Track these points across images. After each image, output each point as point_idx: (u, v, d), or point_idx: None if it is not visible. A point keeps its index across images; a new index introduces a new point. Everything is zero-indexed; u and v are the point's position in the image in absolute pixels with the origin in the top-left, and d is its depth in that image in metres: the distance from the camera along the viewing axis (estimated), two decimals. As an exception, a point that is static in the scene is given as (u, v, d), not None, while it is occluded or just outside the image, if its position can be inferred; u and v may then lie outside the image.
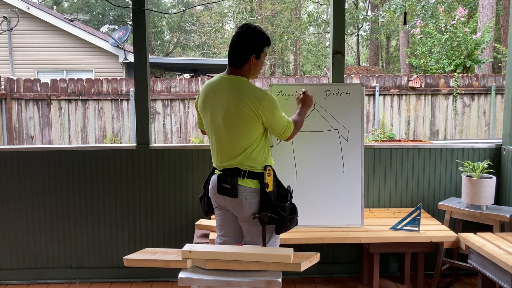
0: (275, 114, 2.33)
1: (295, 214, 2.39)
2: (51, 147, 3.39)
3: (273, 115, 2.32)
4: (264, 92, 2.33)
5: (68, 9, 25.85)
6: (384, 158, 3.40)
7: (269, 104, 2.30)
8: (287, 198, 2.39)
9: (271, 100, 2.32)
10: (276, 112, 2.34)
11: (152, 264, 2.11)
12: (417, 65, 11.44)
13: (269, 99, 2.31)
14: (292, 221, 2.38)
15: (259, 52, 2.36)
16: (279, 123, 2.37)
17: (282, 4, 22.96)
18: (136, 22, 3.24)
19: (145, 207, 3.32)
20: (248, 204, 2.31)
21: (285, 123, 2.39)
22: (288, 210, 2.35)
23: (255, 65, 2.37)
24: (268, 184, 2.33)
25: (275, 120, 2.34)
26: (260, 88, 2.36)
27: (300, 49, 24.18)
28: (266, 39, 2.38)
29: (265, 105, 2.28)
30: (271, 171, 2.35)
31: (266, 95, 2.31)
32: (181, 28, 26.43)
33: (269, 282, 1.94)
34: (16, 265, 3.35)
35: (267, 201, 2.30)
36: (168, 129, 8.97)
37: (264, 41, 2.37)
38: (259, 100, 2.28)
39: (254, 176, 2.32)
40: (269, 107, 2.30)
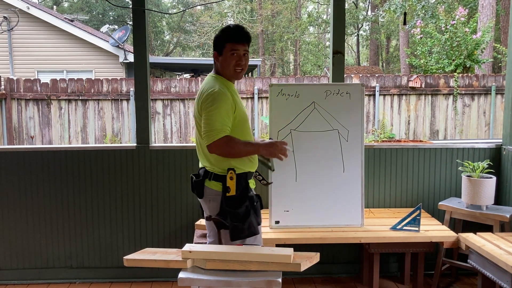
0: (208, 109, 2.17)
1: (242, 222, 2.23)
2: (51, 147, 3.39)
3: (206, 109, 2.18)
4: (211, 86, 2.23)
5: (68, 9, 25.85)
6: (384, 158, 3.40)
7: (207, 97, 2.19)
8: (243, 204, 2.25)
9: (211, 94, 2.19)
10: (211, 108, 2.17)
11: (152, 264, 2.11)
12: (417, 65, 11.44)
13: (210, 93, 2.19)
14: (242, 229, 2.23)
15: (221, 48, 2.30)
16: (207, 121, 2.17)
17: (282, 4, 22.96)
18: (136, 22, 3.24)
19: (145, 207, 3.32)
20: (211, 206, 2.31)
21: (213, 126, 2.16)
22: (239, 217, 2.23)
23: (222, 62, 2.31)
24: (229, 188, 2.24)
25: (205, 116, 2.19)
26: (214, 83, 2.26)
27: (300, 49, 24.19)
28: (227, 34, 2.29)
29: (204, 98, 2.22)
30: (233, 174, 2.24)
31: (210, 89, 2.21)
32: (181, 28, 26.42)
33: (269, 282, 1.94)
34: (16, 265, 3.35)
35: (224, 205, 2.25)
36: (168, 129, 8.96)
37: (225, 37, 2.29)
38: (201, 93, 2.24)
39: (219, 178, 2.27)
40: (205, 100, 2.20)
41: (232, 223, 2.23)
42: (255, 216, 2.30)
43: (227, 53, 2.29)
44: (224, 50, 2.29)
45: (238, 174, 2.27)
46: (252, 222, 2.27)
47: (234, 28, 2.33)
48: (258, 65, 14.56)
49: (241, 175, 2.29)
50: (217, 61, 2.34)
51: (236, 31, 2.31)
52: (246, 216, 2.25)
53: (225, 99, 2.21)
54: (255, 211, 2.31)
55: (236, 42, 2.29)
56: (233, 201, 2.26)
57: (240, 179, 2.28)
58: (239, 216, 2.24)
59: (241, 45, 2.30)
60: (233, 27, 2.33)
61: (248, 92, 8.86)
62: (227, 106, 2.20)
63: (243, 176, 2.30)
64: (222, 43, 2.30)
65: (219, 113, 2.17)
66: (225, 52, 2.29)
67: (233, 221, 2.23)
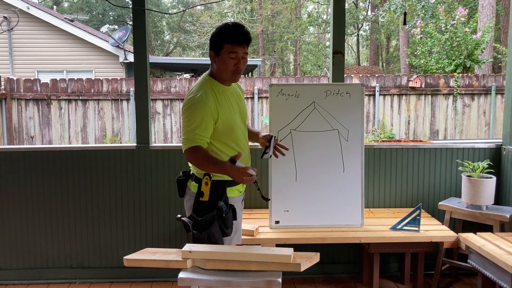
0: (184, 115, 2.12)
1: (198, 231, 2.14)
2: (51, 147, 3.39)
3: (183, 116, 2.12)
4: (195, 90, 2.16)
5: (68, 9, 25.85)
6: (384, 158, 3.40)
7: (187, 104, 2.13)
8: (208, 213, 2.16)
9: (191, 101, 2.12)
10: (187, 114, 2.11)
11: (152, 264, 2.11)
12: (417, 65, 11.44)
13: (192, 98, 2.12)
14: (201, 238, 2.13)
15: (218, 48, 2.15)
16: (183, 128, 2.14)
17: (282, 4, 22.96)
18: (136, 22, 3.24)
19: (145, 207, 3.32)
20: (187, 206, 2.30)
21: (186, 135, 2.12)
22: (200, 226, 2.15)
23: (218, 63, 2.17)
24: (203, 192, 2.17)
25: (182, 123, 2.15)
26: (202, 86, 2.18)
27: (300, 49, 24.19)
28: (225, 35, 2.14)
29: (184, 103, 2.16)
30: (208, 180, 2.16)
31: (191, 94, 2.15)
32: (181, 28, 26.42)
33: (269, 282, 1.94)
34: (16, 265, 3.35)
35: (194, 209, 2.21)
36: (168, 129, 8.96)
37: (223, 37, 2.14)
38: (186, 96, 2.18)
39: (197, 181, 2.24)
40: (184, 106, 2.14)
41: (192, 230, 2.18)
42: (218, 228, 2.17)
43: (224, 55, 2.14)
44: (222, 51, 2.14)
45: (215, 180, 2.19)
46: (213, 233, 2.15)
47: (233, 27, 2.16)
48: (258, 65, 14.56)
49: (219, 182, 2.20)
50: (213, 61, 2.20)
51: (235, 31, 2.15)
52: (207, 226, 2.15)
53: (203, 107, 2.10)
54: (224, 222, 2.18)
55: (236, 43, 2.13)
56: (202, 207, 2.19)
57: (216, 186, 2.19)
58: (200, 224, 2.17)
59: (241, 47, 2.15)
60: (232, 26, 2.16)
61: (248, 92, 8.86)
62: (204, 114, 2.10)
63: (221, 184, 2.21)
64: (220, 43, 2.14)
65: (193, 122, 2.10)
66: (222, 54, 2.15)
67: (193, 227, 2.18)
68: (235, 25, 2.18)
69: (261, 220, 3.12)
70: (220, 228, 2.18)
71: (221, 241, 2.19)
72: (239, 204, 2.37)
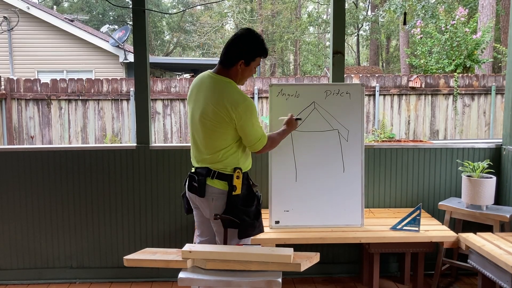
0: (249, 122, 2.26)
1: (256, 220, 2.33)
2: (51, 147, 3.39)
3: (246, 122, 2.26)
4: (243, 97, 2.26)
5: (68, 9, 25.85)
6: (384, 158, 3.40)
7: (245, 110, 2.24)
8: (253, 203, 2.34)
9: (248, 107, 2.25)
10: (251, 120, 2.27)
11: (152, 264, 2.11)
12: (417, 65, 11.45)
13: (247, 105, 2.25)
14: (254, 227, 2.31)
15: (250, 59, 2.29)
16: (252, 132, 2.30)
17: (282, 4, 22.96)
18: (136, 22, 3.24)
19: (145, 207, 3.32)
20: (214, 205, 2.31)
21: (258, 135, 2.32)
22: (252, 215, 2.30)
23: (243, 71, 2.31)
24: (236, 186, 2.28)
25: (248, 129, 2.28)
26: (242, 93, 2.30)
27: (300, 49, 24.18)
28: (262, 49, 2.32)
29: (241, 111, 2.23)
30: (240, 173, 2.29)
31: (245, 100, 2.26)
32: (181, 28, 26.42)
33: (269, 282, 1.94)
34: (16, 265, 3.35)
35: (232, 204, 2.27)
36: (168, 129, 8.96)
37: (259, 51, 2.31)
38: (236, 104, 2.23)
39: (223, 177, 2.29)
40: (244, 113, 2.24)
41: (245, 221, 2.27)
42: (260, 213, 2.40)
43: (252, 66, 2.32)
44: (253, 63, 2.31)
45: (243, 173, 2.34)
46: (261, 220, 2.38)
47: (263, 41, 2.34)
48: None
49: (245, 174, 2.36)
50: (238, 69, 2.30)
51: (265, 45, 2.34)
52: (258, 215, 2.35)
53: (254, 105, 2.32)
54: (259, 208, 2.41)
55: (265, 57, 2.36)
56: (241, 199, 2.30)
57: (243, 178, 2.34)
58: (251, 215, 2.31)
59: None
60: (263, 39, 2.34)
61: (248, 92, 8.86)
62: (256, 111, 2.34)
63: (246, 175, 2.37)
64: (254, 55, 2.30)
65: (258, 121, 2.33)
66: (252, 65, 2.32)
67: (246, 219, 2.27)
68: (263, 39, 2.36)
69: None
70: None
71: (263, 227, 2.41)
72: None
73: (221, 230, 2.33)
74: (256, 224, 2.33)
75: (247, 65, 2.29)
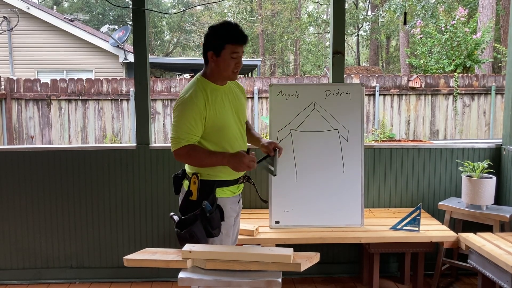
0: (175, 115, 2.14)
1: (179, 229, 2.16)
2: (51, 147, 3.39)
3: (174, 114, 2.15)
4: (187, 89, 2.18)
5: (68, 9, 25.85)
6: (384, 158, 3.40)
7: (177, 103, 2.16)
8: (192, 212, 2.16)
9: (182, 101, 2.14)
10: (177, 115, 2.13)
11: (152, 264, 2.11)
12: (417, 65, 11.45)
13: (182, 99, 2.14)
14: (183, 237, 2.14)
15: (219, 49, 2.14)
16: (173, 128, 2.16)
17: (282, 4, 22.96)
18: (136, 22, 3.24)
19: (145, 207, 3.32)
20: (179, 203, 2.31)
21: (177, 134, 2.13)
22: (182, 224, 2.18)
23: (217, 63, 2.17)
24: (192, 192, 2.20)
25: (172, 123, 2.17)
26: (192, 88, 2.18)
27: (300, 49, 24.18)
28: (228, 35, 2.14)
29: (175, 103, 2.18)
30: (196, 179, 2.18)
31: (184, 94, 2.16)
32: (181, 28, 26.42)
33: (269, 282, 1.94)
34: (16, 265, 3.35)
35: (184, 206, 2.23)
36: (168, 129, 8.96)
37: (225, 37, 2.13)
38: (178, 97, 2.20)
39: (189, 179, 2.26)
40: (176, 106, 2.16)
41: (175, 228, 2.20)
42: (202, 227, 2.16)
43: (226, 55, 2.15)
44: (223, 51, 2.15)
45: (203, 180, 2.20)
46: (195, 232, 2.14)
47: (234, 27, 2.16)
48: (258, 65, 14.56)
49: (207, 182, 2.21)
50: (212, 61, 2.18)
51: (237, 31, 2.16)
52: (188, 224, 2.16)
53: (193, 107, 2.12)
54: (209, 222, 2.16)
55: (238, 43, 2.16)
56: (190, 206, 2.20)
57: (205, 186, 2.20)
58: (182, 222, 2.18)
59: (241, 47, 2.18)
60: (233, 26, 2.17)
61: (248, 92, 8.86)
62: (194, 114, 2.12)
63: (210, 184, 2.21)
64: (221, 43, 2.14)
65: (185, 121, 2.11)
66: (224, 54, 2.15)
67: (176, 225, 2.20)
68: (235, 25, 2.19)
69: (261, 220, 3.12)
70: (205, 228, 2.17)
71: (204, 241, 2.18)
72: (233, 206, 2.33)
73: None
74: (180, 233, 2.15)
75: (218, 55, 2.15)
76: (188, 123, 2.12)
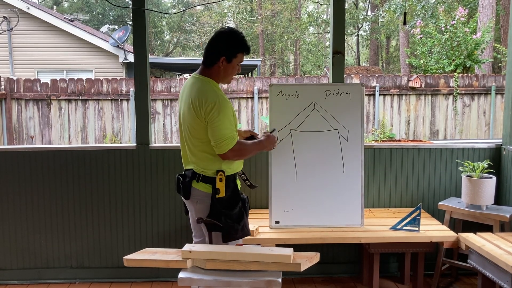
0: (216, 119, 2.19)
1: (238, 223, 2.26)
2: (51, 147, 3.39)
3: (213, 119, 2.19)
4: (215, 94, 2.22)
5: (68, 9, 25.85)
6: (384, 158, 3.40)
7: (212, 107, 2.18)
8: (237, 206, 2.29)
9: (217, 104, 2.19)
10: (218, 117, 2.19)
11: (152, 264, 2.11)
12: (417, 65, 11.45)
13: (216, 102, 2.19)
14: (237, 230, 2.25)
15: (231, 56, 2.27)
16: (217, 131, 2.20)
17: (282, 4, 22.95)
18: (136, 22, 3.24)
19: (145, 207, 3.32)
20: (199, 208, 2.30)
21: (224, 135, 2.20)
22: (234, 218, 2.26)
23: (225, 69, 2.28)
24: (219, 189, 2.25)
25: (214, 126, 2.20)
26: (216, 91, 2.25)
27: (300, 49, 24.18)
28: (242, 45, 2.29)
29: (209, 107, 2.18)
30: (223, 176, 2.25)
31: (215, 98, 2.20)
32: (181, 28, 26.42)
33: (269, 282, 1.94)
34: (16, 265, 3.35)
35: (215, 207, 2.25)
36: (168, 129, 8.96)
37: (240, 47, 2.29)
38: (205, 100, 2.20)
39: (208, 180, 2.27)
40: (211, 110, 2.18)
41: (227, 224, 2.23)
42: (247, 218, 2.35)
43: (235, 63, 2.30)
44: (235, 59, 2.29)
45: (227, 176, 2.28)
46: (246, 223, 2.32)
47: (244, 38, 2.32)
48: (258, 65, 14.55)
49: (230, 177, 2.31)
50: (221, 66, 2.27)
51: (247, 42, 2.32)
52: (240, 217, 2.29)
53: (228, 106, 2.24)
54: (246, 212, 2.35)
55: (247, 54, 2.33)
56: (224, 202, 2.27)
57: (228, 180, 2.29)
58: (233, 218, 2.26)
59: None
60: (243, 36, 2.32)
61: (248, 92, 8.86)
62: (230, 112, 2.24)
63: (232, 178, 2.33)
64: (235, 51, 2.27)
65: (227, 122, 2.22)
66: (234, 61, 2.29)
67: (228, 222, 2.23)
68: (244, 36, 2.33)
69: (261, 220, 3.12)
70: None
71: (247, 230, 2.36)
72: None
73: (201, 232, 2.37)
74: (238, 227, 2.27)
75: (229, 61, 2.27)
76: (230, 123, 2.24)
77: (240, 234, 2.29)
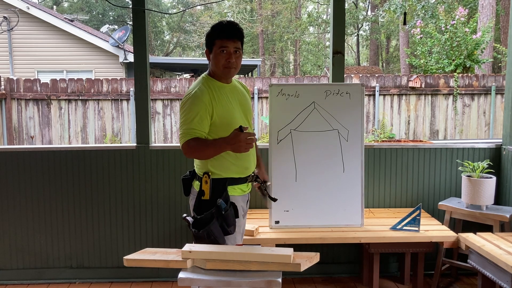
0: (182, 111, 2.18)
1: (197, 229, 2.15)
2: (51, 147, 3.39)
3: (180, 110, 2.19)
4: (192, 87, 2.23)
5: (68, 9, 25.85)
6: (384, 158, 3.40)
7: (183, 101, 2.20)
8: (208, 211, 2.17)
9: (187, 96, 2.19)
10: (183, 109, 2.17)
11: (152, 264, 2.11)
12: (417, 65, 11.45)
13: (188, 94, 2.19)
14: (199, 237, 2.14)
15: (211, 45, 2.24)
16: (180, 122, 2.19)
17: (282, 4, 22.95)
18: (136, 22, 3.24)
19: (145, 207, 3.32)
20: (191, 205, 2.32)
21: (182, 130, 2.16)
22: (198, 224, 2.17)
23: (212, 59, 2.24)
24: (204, 191, 2.21)
25: (179, 118, 2.20)
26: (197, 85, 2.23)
27: (300, 49, 24.19)
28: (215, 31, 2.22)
29: (182, 101, 2.21)
30: (207, 178, 2.20)
31: (188, 91, 2.21)
32: (181, 28, 26.42)
33: (269, 282, 1.94)
34: (16, 265, 3.35)
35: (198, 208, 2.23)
36: (168, 129, 8.97)
37: (214, 34, 2.22)
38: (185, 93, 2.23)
39: (199, 180, 2.27)
40: (183, 102, 2.19)
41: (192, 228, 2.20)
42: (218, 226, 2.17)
43: (216, 51, 2.20)
44: (214, 47, 2.21)
45: (214, 179, 2.22)
46: (212, 231, 2.15)
47: (223, 23, 2.24)
48: (258, 65, 14.56)
49: (219, 181, 2.23)
50: (208, 59, 2.28)
51: (226, 27, 2.21)
52: (205, 224, 2.16)
53: (198, 102, 2.15)
54: (225, 220, 2.18)
55: (226, 38, 2.19)
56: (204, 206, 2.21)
57: (217, 184, 2.22)
58: (198, 222, 2.18)
59: (231, 42, 2.20)
60: (222, 22, 2.25)
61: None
62: (199, 109, 2.15)
63: (221, 182, 2.23)
64: (212, 39, 2.22)
65: (189, 117, 2.15)
66: (214, 50, 2.21)
67: (193, 226, 2.20)
68: (226, 22, 2.26)
69: (261, 220, 3.12)
70: (221, 226, 2.19)
71: (222, 240, 2.19)
72: (243, 204, 2.35)
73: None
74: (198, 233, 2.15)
75: (211, 51, 2.24)
76: (193, 119, 2.14)
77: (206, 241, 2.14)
